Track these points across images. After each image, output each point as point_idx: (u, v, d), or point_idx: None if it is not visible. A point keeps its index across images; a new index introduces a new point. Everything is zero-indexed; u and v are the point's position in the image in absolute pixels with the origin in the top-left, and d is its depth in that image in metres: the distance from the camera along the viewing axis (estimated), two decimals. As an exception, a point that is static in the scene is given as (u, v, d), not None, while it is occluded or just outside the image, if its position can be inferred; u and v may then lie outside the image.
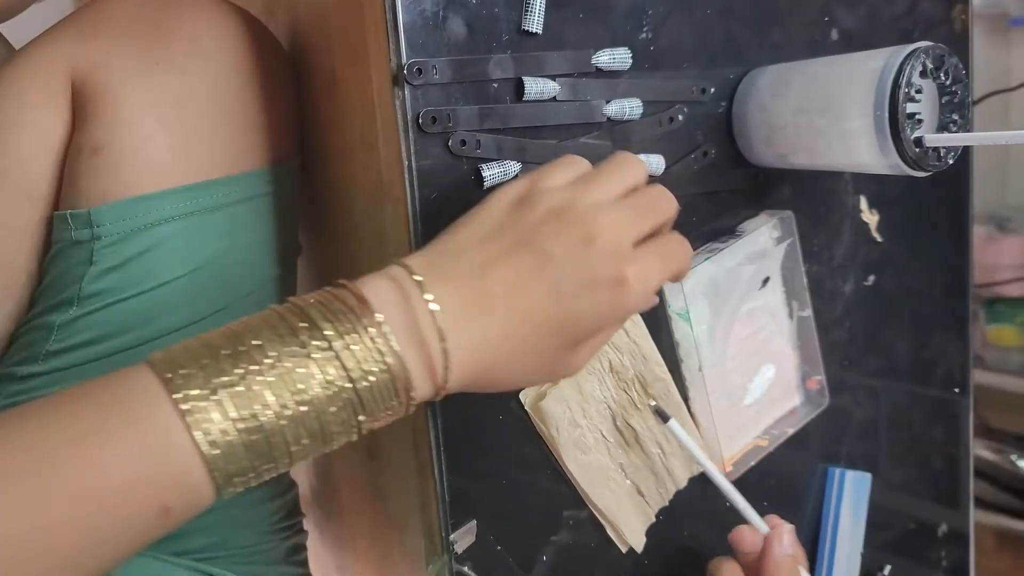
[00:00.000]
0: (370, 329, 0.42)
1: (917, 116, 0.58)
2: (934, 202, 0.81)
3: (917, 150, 0.59)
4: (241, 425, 0.39)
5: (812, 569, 0.76)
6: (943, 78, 0.59)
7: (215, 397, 0.39)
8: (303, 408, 0.40)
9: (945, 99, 0.60)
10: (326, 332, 0.41)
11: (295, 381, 0.40)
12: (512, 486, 0.59)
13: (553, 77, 0.57)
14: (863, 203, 0.76)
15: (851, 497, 0.76)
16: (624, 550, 0.64)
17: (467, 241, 0.47)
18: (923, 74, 0.58)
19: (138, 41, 0.57)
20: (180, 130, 0.57)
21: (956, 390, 0.86)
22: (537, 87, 0.56)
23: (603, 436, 0.62)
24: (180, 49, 0.58)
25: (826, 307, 0.74)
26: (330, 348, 0.41)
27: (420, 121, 0.53)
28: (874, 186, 0.76)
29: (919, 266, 0.82)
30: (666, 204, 0.51)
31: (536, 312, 0.45)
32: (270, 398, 0.40)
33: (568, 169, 0.50)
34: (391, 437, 0.62)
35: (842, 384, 0.76)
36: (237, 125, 0.60)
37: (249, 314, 0.43)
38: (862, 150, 0.60)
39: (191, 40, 0.59)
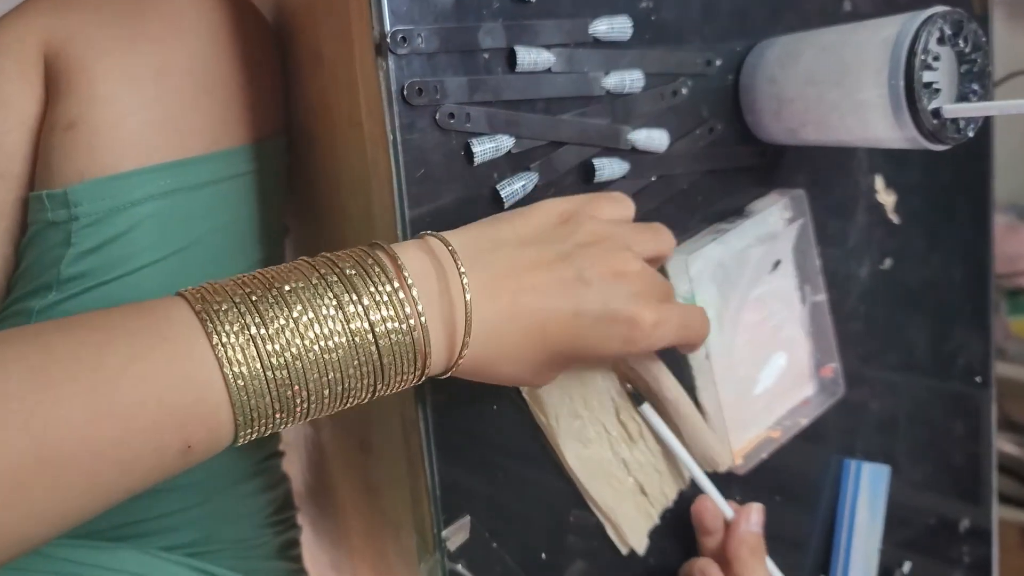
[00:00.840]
0: (400, 293, 0.42)
1: (934, 85, 0.55)
2: (953, 182, 0.78)
3: (935, 122, 0.55)
4: (269, 373, 0.39)
5: (827, 565, 0.73)
6: (962, 45, 0.56)
7: (248, 340, 0.39)
8: (326, 358, 0.40)
9: (964, 68, 0.57)
10: (359, 290, 0.41)
11: (322, 331, 0.40)
12: (509, 480, 0.56)
13: (548, 47, 0.54)
14: (879, 183, 0.72)
15: (868, 490, 0.73)
16: (624, 551, 0.61)
17: (507, 237, 0.47)
18: (940, 41, 0.55)
19: (115, 13, 0.55)
20: (158, 105, 0.55)
21: (978, 379, 0.82)
22: (530, 58, 0.53)
23: (605, 430, 0.59)
24: (159, 22, 0.56)
25: (840, 292, 0.71)
26: (359, 303, 0.41)
27: (405, 93, 0.50)
28: (890, 165, 0.73)
29: (938, 250, 0.78)
30: (672, 292, 0.53)
31: (552, 326, 0.46)
32: (299, 347, 0.39)
33: (617, 206, 0.52)
34: (383, 430, 0.60)
35: (858, 373, 0.73)
36: (218, 100, 0.57)
37: None
38: (877, 122, 0.56)
39: (170, 13, 0.56)
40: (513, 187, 0.54)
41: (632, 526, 0.61)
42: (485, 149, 0.52)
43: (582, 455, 0.58)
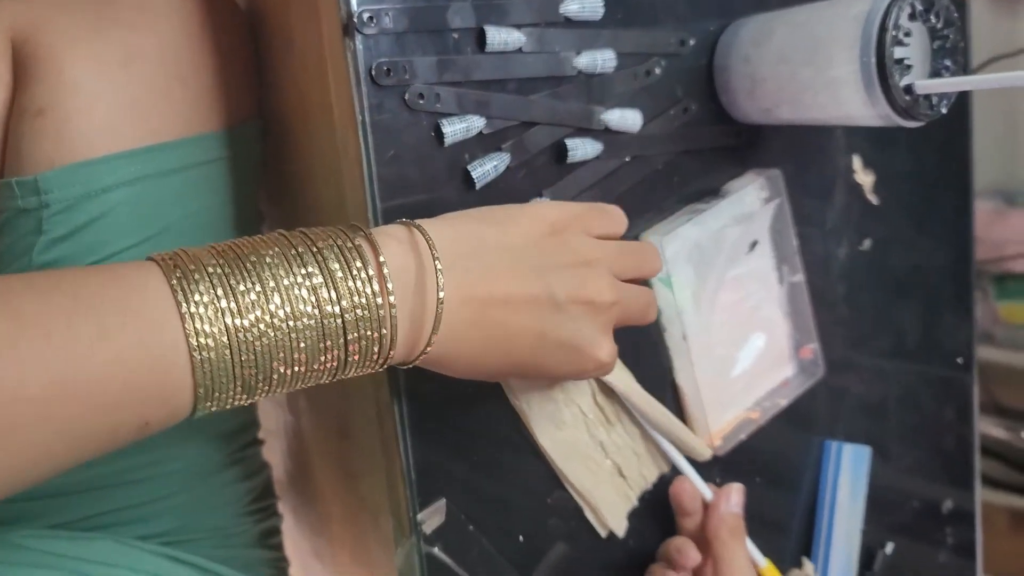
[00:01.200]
0: (375, 283, 0.42)
1: (906, 61, 0.54)
2: (933, 163, 0.78)
3: (907, 98, 0.55)
4: (236, 356, 0.38)
5: (809, 547, 0.73)
6: (933, 20, 0.56)
7: (218, 314, 0.38)
8: (292, 346, 0.40)
9: (937, 44, 0.57)
10: (333, 274, 0.41)
11: (291, 305, 0.40)
12: (486, 463, 0.56)
13: (518, 27, 0.54)
14: (856, 163, 0.72)
15: (849, 471, 0.73)
16: (604, 534, 0.61)
17: (491, 241, 0.47)
18: (912, 17, 0.54)
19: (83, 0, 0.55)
20: (128, 91, 0.55)
21: (960, 360, 0.82)
22: (500, 37, 0.53)
23: (581, 412, 0.59)
24: (128, 8, 0.56)
25: (819, 273, 0.71)
26: (333, 289, 0.41)
27: (373, 73, 0.50)
28: (868, 145, 0.72)
29: (918, 230, 0.78)
30: (654, 310, 0.55)
31: (515, 342, 0.47)
32: (267, 330, 0.39)
33: (609, 222, 0.52)
34: (360, 415, 0.59)
35: (838, 355, 0.73)
36: (189, 85, 0.57)
37: None
38: (849, 99, 0.56)
39: None
40: (484, 168, 0.53)
41: (611, 508, 0.60)
42: (455, 130, 0.52)
43: (557, 437, 0.58)
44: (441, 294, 0.43)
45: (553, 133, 0.56)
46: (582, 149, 0.57)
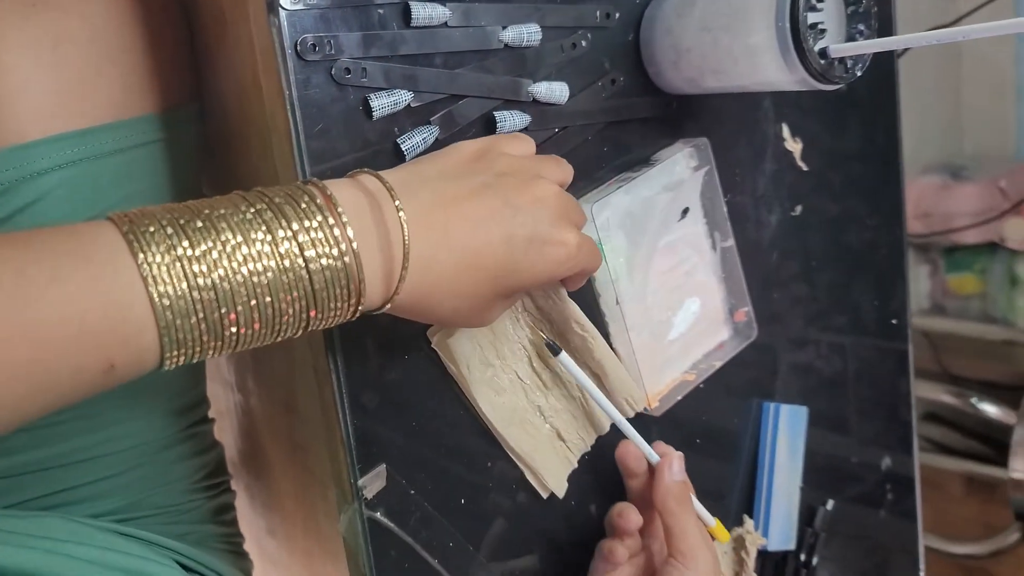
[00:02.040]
0: (330, 219, 0.42)
1: (820, 26, 0.56)
2: (862, 130, 0.80)
3: (822, 62, 0.57)
4: (196, 293, 0.39)
5: (750, 505, 0.75)
6: (846, -14, 0.58)
7: (174, 260, 0.39)
8: (256, 282, 0.40)
9: (851, 10, 0.59)
10: (288, 216, 0.42)
11: (252, 255, 0.40)
12: (425, 429, 0.58)
13: (443, 2, 0.55)
14: (785, 131, 0.74)
15: (787, 431, 0.75)
16: (545, 495, 0.63)
17: (432, 173, 0.49)
18: (825, -17, 0.56)
19: None
20: (60, 73, 0.55)
21: (894, 321, 0.85)
22: (425, 12, 0.54)
23: (519, 377, 0.61)
24: None
25: (752, 238, 0.73)
26: (290, 231, 0.41)
27: (299, 48, 0.51)
28: (796, 113, 0.75)
29: (849, 194, 0.80)
30: (583, 211, 0.56)
31: (487, 253, 0.48)
32: (226, 268, 0.40)
33: (521, 144, 0.54)
34: (304, 387, 0.61)
35: (774, 318, 0.75)
36: (122, 68, 0.58)
37: None
38: (768, 65, 0.58)
39: None
40: (413, 140, 0.55)
41: (551, 471, 0.62)
42: (383, 104, 0.53)
43: (496, 402, 0.59)
44: (404, 224, 0.44)
45: (482, 106, 0.58)
46: (511, 121, 0.58)
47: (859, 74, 0.59)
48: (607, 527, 0.63)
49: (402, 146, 0.54)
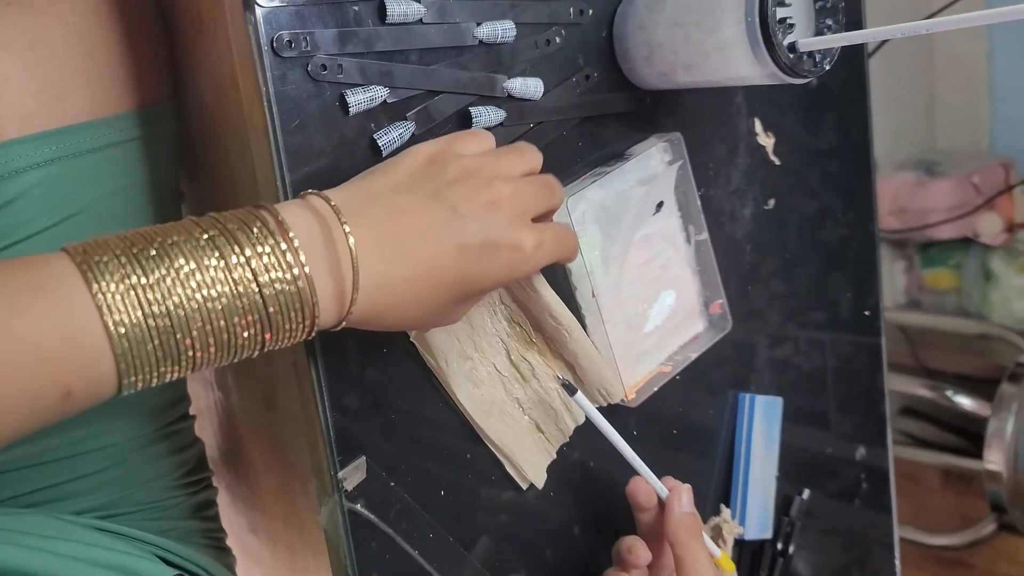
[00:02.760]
0: (282, 244, 0.43)
1: (789, 21, 0.58)
2: (833, 123, 0.81)
3: (791, 56, 0.58)
4: (151, 321, 0.40)
5: (727, 494, 0.76)
6: (814, -18, 0.59)
7: (128, 288, 0.40)
8: (210, 308, 0.41)
9: (819, 5, 0.60)
10: (241, 242, 0.42)
11: (206, 281, 0.41)
12: (404, 421, 0.58)
13: (418, -1, 0.56)
14: (758, 126, 0.75)
15: (763, 422, 0.76)
16: (524, 486, 0.63)
17: (381, 187, 0.49)
18: (793, -21, 0.57)
19: None
20: (37, 72, 0.55)
21: (867, 313, 0.86)
22: (400, 9, 0.55)
23: (496, 370, 0.61)
24: None
25: (727, 232, 0.74)
26: (243, 256, 0.42)
27: (275, 45, 0.51)
28: (768, 108, 0.76)
29: (822, 188, 0.81)
30: (558, 192, 0.55)
31: (440, 263, 0.48)
32: (181, 295, 0.40)
33: (478, 141, 0.53)
34: (283, 384, 0.61)
35: (748, 310, 0.76)
36: (100, 66, 0.58)
37: None
38: (738, 60, 0.59)
39: None
40: (390, 136, 0.55)
41: (530, 462, 0.63)
42: (360, 100, 0.54)
43: (474, 395, 0.60)
44: (352, 243, 0.45)
45: (457, 101, 0.58)
46: (486, 116, 0.59)
47: (827, 68, 0.60)
48: (614, 558, 0.63)
49: (379, 141, 0.55)
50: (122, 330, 0.39)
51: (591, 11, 0.64)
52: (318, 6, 0.53)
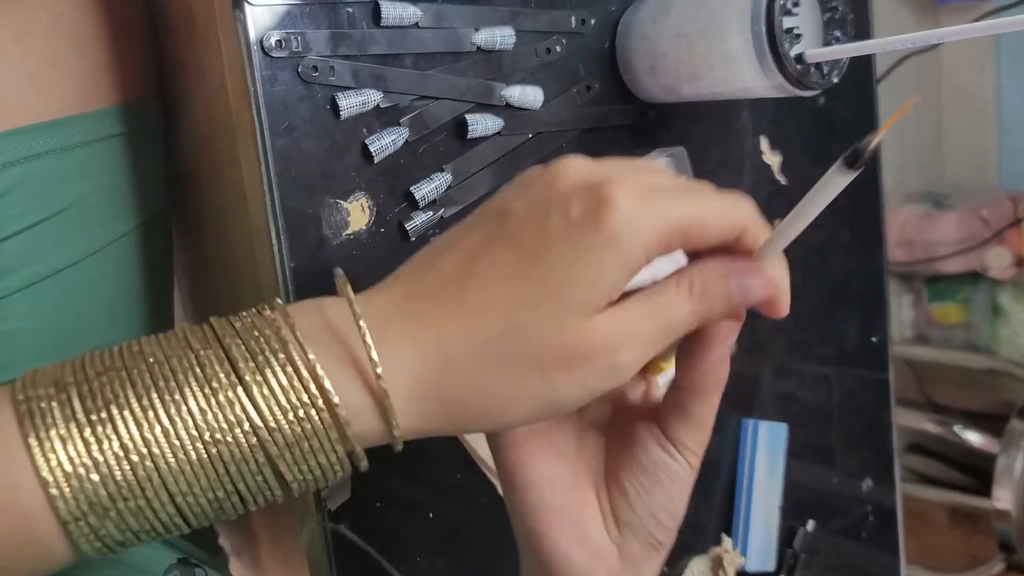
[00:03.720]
0: (302, 370, 0.34)
1: (796, 31, 0.56)
2: (840, 142, 0.79)
3: (799, 67, 0.56)
4: (103, 469, 0.32)
5: (729, 523, 0.73)
6: (822, -8, 0.57)
7: (68, 435, 0.32)
8: (182, 456, 0.33)
9: (827, 16, 0.58)
10: (239, 367, 0.34)
11: (195, 423, 0.33)
12: (393, 440, 0.56)
13: (414, 2, 0.54)
14: (764, 143, 0.73)
15: (766, 448, 0.73)
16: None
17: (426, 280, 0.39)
18: (801, -13, 0.56)
19: None
20: (24, 65, 0.54)
21: (874, 339, 0.84)
22: (395, 12, 0.53)
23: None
24: None
25: (730, 252, 0.71)
26: (240, 387, 0.34)
27: (264, 44, 0.50)
28: (775, 126, 0.74)
29: (830, 220, 0.79)
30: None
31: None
32: (137, 446, 0.33)
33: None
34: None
35: (752, 337, 0.74)
36: (86, 60, 0.57)
37: (115, 259, 0.43)
38: (744, 71, 0.57)
39: None
40: (383, 141, 0.53)
41: (523, 485, 0.60)
42: (352, 103, 0.52)
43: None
44: (379, 370, 0.35)
45: (453, 108, 0.57)
46: (483, 124, 0.57)
47: (835, 81, 0.58)
48: None
49: (371, 147, 0.53)
50: (64, 488, 0.32)
51: (593, 21, 0.63)
52: (310, 6, 0.51)
